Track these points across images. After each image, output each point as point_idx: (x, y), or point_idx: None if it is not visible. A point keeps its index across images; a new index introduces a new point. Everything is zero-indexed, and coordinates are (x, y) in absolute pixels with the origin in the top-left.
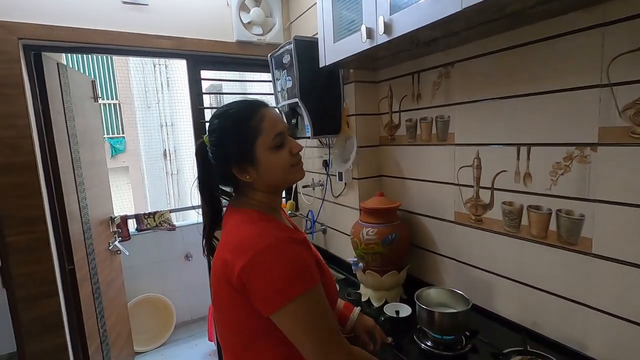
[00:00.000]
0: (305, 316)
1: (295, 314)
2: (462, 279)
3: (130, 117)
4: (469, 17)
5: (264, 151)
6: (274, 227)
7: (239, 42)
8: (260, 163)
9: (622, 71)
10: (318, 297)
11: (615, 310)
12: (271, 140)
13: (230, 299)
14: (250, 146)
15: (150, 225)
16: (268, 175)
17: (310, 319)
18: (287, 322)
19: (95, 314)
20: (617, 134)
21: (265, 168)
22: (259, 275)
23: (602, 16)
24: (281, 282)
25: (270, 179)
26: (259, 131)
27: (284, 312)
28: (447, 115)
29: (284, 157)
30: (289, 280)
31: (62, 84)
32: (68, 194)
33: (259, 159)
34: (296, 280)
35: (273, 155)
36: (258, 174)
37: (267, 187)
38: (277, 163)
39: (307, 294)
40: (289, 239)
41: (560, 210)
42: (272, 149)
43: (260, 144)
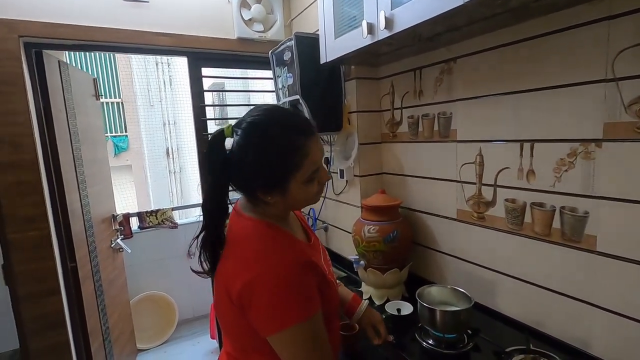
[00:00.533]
0: (298, 345)
1: (289, 341)
2: (464, 277)
3: (133, 116)
4: (472, 11)
5: (296, 184)
6: (282, 245)
7: (239, 39)
8: (289, 193)
9: (627, 65)
10: (314, 327)
11: (620, 309)
12: (307, 176)
13: (229, 310)
14: (285, 178)
15: (153, 223)
16: (291, 202)
17: (303, 349)
18: (280, 347)
19: (98, 311)
20: (623, 130)
21: (292, 198)
22: (259, 296)
23: (608, 9)
24: (280, 308)
25: (291, 205)
26: (300, 166)
27: (278, 338)
28: (450, 111)
29: (313, 189)
30: (288, 306)
31: (64, 82)
32: (70, 192)
33: (290, 190)
34: (295, 308)
35: (303, 187)
36: (282, 200)
37: (284, 210)
38: (304, 194)
39: (303, 324)
40: (293, 263)
41: (564, 207)
42: (306, 182)
43: (296, 178)
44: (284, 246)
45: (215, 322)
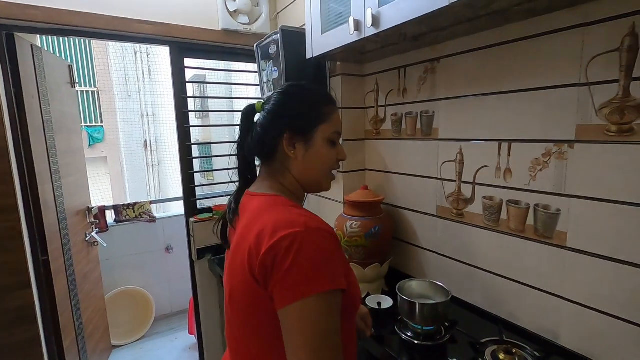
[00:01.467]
0: (310, 324)
1: (304, 315)
2: (443, 271)
3: (109, 106)
4: (456, 12)
5: (321, 138)
6: (306, 214)
7: (224, 31)
8: (313, 146)
9: (599, 71)
10: (335, 302)
11: (587, 301)
12: (331, 133)
13: (250, 295)
14: (313, 124)
15: (130, 216)
16: (311, 164)
17: (314, 329)
18: (290, 321)
19: (71, 306)
20: (594, 132)
21: (313, 155)
22: (282, 260)
23: (584, 16)
24: (302, 274)
25: (310, 169)
26: (327, 118)
27: (292, 310)
28: (432, 110)
29: (332, 156)
30: (312, 274)
31: (37, 67)
32: (42, 183)
33: (314, 141)
34: (319, 276)
35: (325, 147)
36: (304, 156)
37: (302, 176)
38: (325, 157)
39: (325, 296)
40: (321, 229)
41: (538, 205)
42: (328, 142)
43: (322, 130)
44: (309, 216)
45: (193, 318)
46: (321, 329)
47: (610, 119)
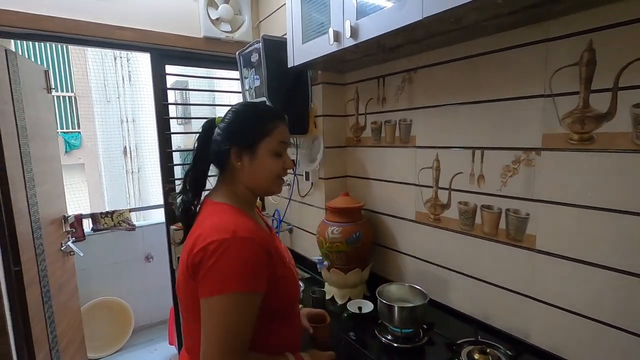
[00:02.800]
0: (221, 315)
1: (214, 308)
2: (421, 275)
3: (87, 111)
4: (429, 26)
5: (265, 150)
6: (241, 222)
7: (206, 38)
8: (257, 158)
9: (562, 83)
10: (245, 303)
11: (554, 301)
12: (274, 146)
13: (187, 286)
14: (256, 139)
15: (108, 225)
16: (257, 173)
17: (224, 320)
18: (205, 312)
19: (45, 318)
20: (558, 140)
21: (258, 166)
22: (207, 261)
23: (545, 32)
24: (220, 274)
25: (257, 178)
26: (269, 133)
27: (208, 302)
28: (410, 118)
29: (277, 166)
30: (227, 277)
31: (11, 72)
32: (15, 191)
33: (258, 154)
34: (241, 278)
35: (269, 158)
36: (250, 167)
37: (250, 184)
38: (269, 167)
39: (236, 296)
40: (247, 238)
41: (509, 209)
42: (272, 153)
43: (265, 143)
44: (243, 224)
45: (174, 327)
46: (228, 323)
47: (572, 128)
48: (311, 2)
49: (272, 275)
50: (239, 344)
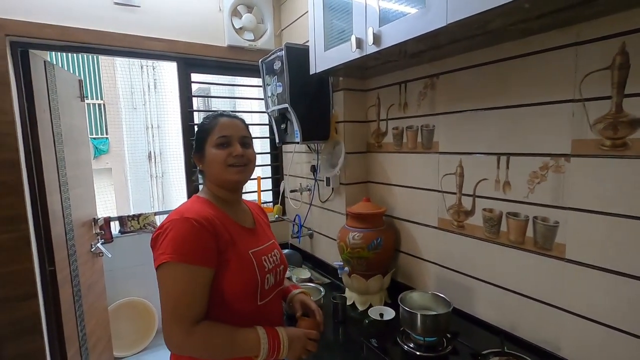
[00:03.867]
0: (168, 280)
1: (160, 277)
2: (444, 283)
3: (115, 118)
4: (453, 32)
5: (209, 147)
6: (195, 208)
7: (230, 47)
8: (205, 156)
9: (593, 88)
10: (188, 274)
11: (586, 313)
12: (215, 139)
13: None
14: (202, 141)
15: (134, 227)
16: (210, 167)
17: (166, 286)
18: (158, 282)
19: (75, 317)
20: (589, 146)
21: (209, 161)
22: (159, 238)
23: (576, 36)
24: (164, 247)
25: (212, 173)
26: (211, 131)
27: (159, 271)
28: (432, 124)
29: (221, 155)
30: (168, 248)
31: (49, 82)
32: (51, 194)
33: (205, 152)
34: (172, 250)
35: (214, 151)
36: (204, 165)
37: (212, 179)
38: (214, 158)
39: (177, 265)
40: (191, 219)
41: (537, 217)
42: (215, 147)
43: (209, 141)
44: (197, 209)
45: None
46: (170, 291)
47: (604, 133)
48: (333, 10)
49: (221, 257)
50: (184, 311)
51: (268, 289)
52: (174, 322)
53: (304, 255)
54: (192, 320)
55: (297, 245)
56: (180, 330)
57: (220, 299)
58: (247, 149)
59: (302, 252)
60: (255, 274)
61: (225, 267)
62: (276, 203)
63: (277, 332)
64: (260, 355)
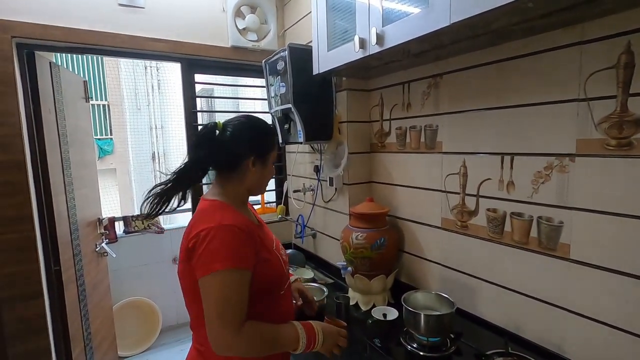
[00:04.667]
0: (218, 289)
1: (209, 285)
2: (448, 283)
3: (119, 119)
4: (457, 31)
5: (270, 159)
6: (226, 214)
7: (233, 48)
8: (266, 167)
9: (598, 87)
10: (237, 278)
11: (590, 313)
12: (274, 157)
13: (185, 269)
14: (269, 150)
15: (138, 227)
16: (263, 178)
17: (221, 293)
18: (203, 291)
19: (80, 316)
20: (594, 146)
21: (266, 171)
22: (199, 247)
23: (580, 35)
24: (210, 256)
25: (261, 182)
26: (274, 147)
27: (203, 281)
28: (436, 124)
29: (273, 172)
30: (218, 256)
31: (54, 84)
32: (57, 194)
33: (268, 162)
34: (222, 258)
35: (271, 166)
36: (261, 172)
37: (253, 186)
38: (270, 173)
39: (226, 272)
40: (230, 226)
41: (541, 217)
42: (272, 163)
43: (272, 155)
44: (230, 215)
45: None
46: (222, 297)
47: (609, 133)
48: (336, 10)
49: (257, 257)
50: (234, 314)
51: (286, 277)
52: (223, 326)
53: (307, 256)
54: (240, 321)
55: (300, 246)
56: (229, 332)
57: (260, 294)
58: None
59: (305, 252)
60: (282, 267)
61: (262, 265)
62: (279, 203)
63: (312, 327)
64: (299, 348)
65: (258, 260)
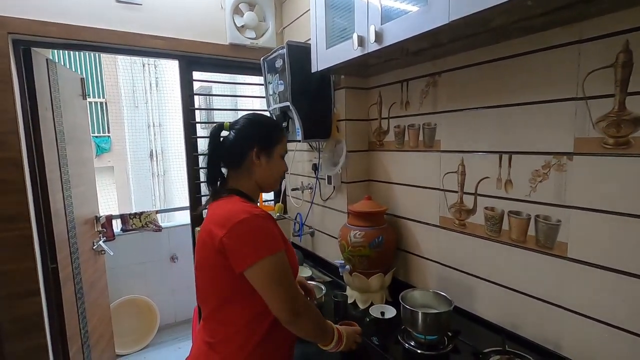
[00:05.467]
0: (274, 271)
1: (266, 268)
2: (446, 282)
3: (116, 116)
4: (456, 29)
5: (277, 153)
6: (250, 206)
7: (232, 45)
8: (272, 159)
9: (596, 86)
10: (282, 259)
11: (587, 311)
12: (283, 151)
13: (212, 260)
14: (274, 143)
15: (136, 225)
16: (270, 171)
17: (277, 274)
18: (259, 275)
19: (78, 314)
20: (591, 145)
21: (272, 165)
22: (236, 239)
23: (579, 34)
24: (253, 245)
25: (269, 175)
26: (281, 141)
27: (255, 268)
28: (434, 122)
29: (283, 167)
30: (260, 244)
31: (51, 81)
32: (53, 192)
33: (273, 155)
34: (265, 244)
35: (279, 160)
36: (266, 165)
37: (261, 180)
38: (279, 166)
39: (274, 256)
40: (261, 215)
41: (539, 215)
42: (281, 157)
43: (278, 148)
44: (252, 207)
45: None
46: (279, 277)
47: (607, 132)
48: (335, 8)
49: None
50: (296, 289)
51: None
52: (294, 300)
53: (305, 254)
54: (300, 295)
55: (298, 244)
56: (300, 304)
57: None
58: None
59: (303, 250)
60: (296, 256)
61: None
62: (277, 201)
63: (340, 330)
64: (330, 346)
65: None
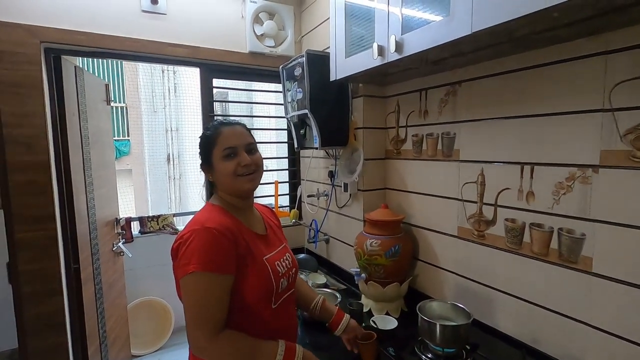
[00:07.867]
0: (193, 290)
1: (188, 284)
2: (464, 293)
3: (136, 121)
4: (478, 39)
5: (217, 159)
6: (213, 217)
7: (251, 53)
8: (214, 168)
9: (623, 97)
10: (212, 281)
11: (613, 329)
12: (222, 151)
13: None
14: (209, 154)
15: (154, 228)
16: (220, 179)
17: (196, 294)
18: (183, 289)
19: (97, 314)
20: (618, 157)
21: (218, 173)
22: (181, 246)
23: (605, 44)
24: (188, 257)
25: (222, 183)
26: (215, 143)
27: (183, 281)
28: (453, 132)
29: (230, 167)
30: (193, 258)
31: (78, 87)
32: (78, 194)
33: (214, 164)
34: (199, 260)
35: (222, 163)
36: (215, 176)
37: (223, 189)
38: (223, 170)
39: (202, 274)
40: (213, 229)
41: (562, 228)
42: (223, 159)
43: (215, 153)
44: (215, 218)
45: None
46: (196, 298)
47: (636, 144)
48: (355, 18)
49: (239, 264)
50: (207, 318)
51: (281, 292)
52: (197, 328)
53: (319, 261)
54: (215, 324)
55: (312, 250)
56: (202, 335)
57: (240, 303)
58: (253, 155)
59: (317, 257)
60: (271, 279)
61: (244, 273)
62: (293, 207)
63: (294, 349)
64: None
65: (238, 267)
